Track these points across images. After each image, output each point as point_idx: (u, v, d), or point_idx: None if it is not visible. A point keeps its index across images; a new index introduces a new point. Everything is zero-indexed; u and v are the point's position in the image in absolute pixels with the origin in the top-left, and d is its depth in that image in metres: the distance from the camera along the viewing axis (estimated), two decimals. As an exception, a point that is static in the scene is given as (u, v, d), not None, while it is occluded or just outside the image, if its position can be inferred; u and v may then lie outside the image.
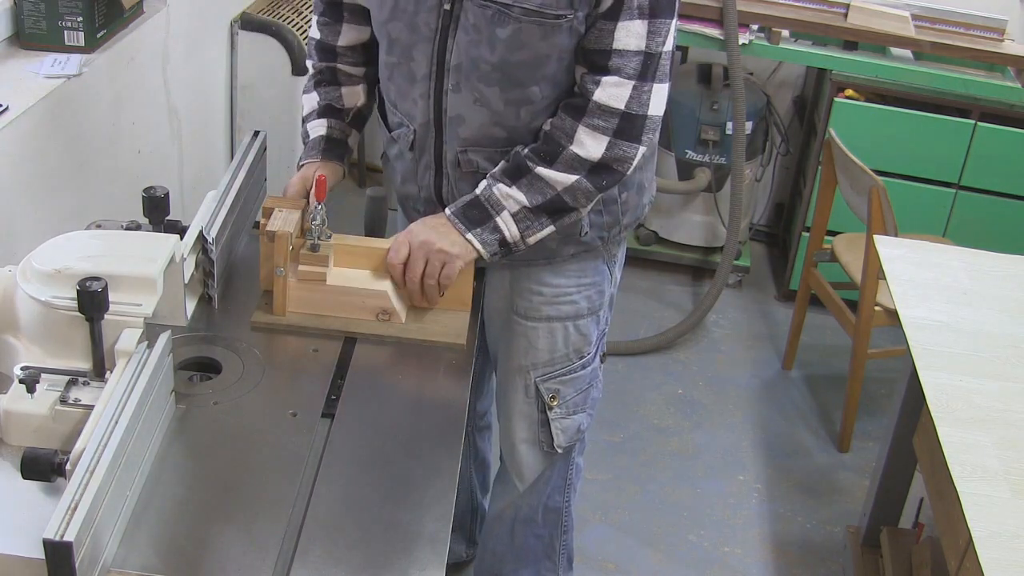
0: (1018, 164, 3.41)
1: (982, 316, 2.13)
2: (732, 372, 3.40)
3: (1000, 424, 1.83)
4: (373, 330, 1.66)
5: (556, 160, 1.67)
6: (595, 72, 1.65)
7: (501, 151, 1.72)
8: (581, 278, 1.89)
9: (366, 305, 1.67)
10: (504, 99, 1.68)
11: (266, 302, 1.68)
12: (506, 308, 1.93)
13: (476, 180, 1.74)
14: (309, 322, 1.66)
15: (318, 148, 1.85)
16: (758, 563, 2.68)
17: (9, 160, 2.00)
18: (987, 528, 1.61)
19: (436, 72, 1.69)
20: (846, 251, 3.16)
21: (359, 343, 1.65)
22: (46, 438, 1.35)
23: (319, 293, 1.66)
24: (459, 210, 1.71)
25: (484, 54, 1.64)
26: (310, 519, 1.32)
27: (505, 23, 1.61)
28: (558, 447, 2.01)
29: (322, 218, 1.66)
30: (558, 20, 1.60)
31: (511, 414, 2.02)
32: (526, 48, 1.63)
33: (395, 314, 1.67)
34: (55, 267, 1.45)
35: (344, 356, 1.62)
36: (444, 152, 1.76)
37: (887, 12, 3.45)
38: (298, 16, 3.18)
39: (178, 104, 2.76)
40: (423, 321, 1.69)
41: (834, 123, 3.38)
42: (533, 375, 1.95)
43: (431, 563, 1.28)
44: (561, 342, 1.93)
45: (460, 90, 1.68)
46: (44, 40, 2.22)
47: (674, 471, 2.95)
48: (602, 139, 1.66)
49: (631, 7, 1.60)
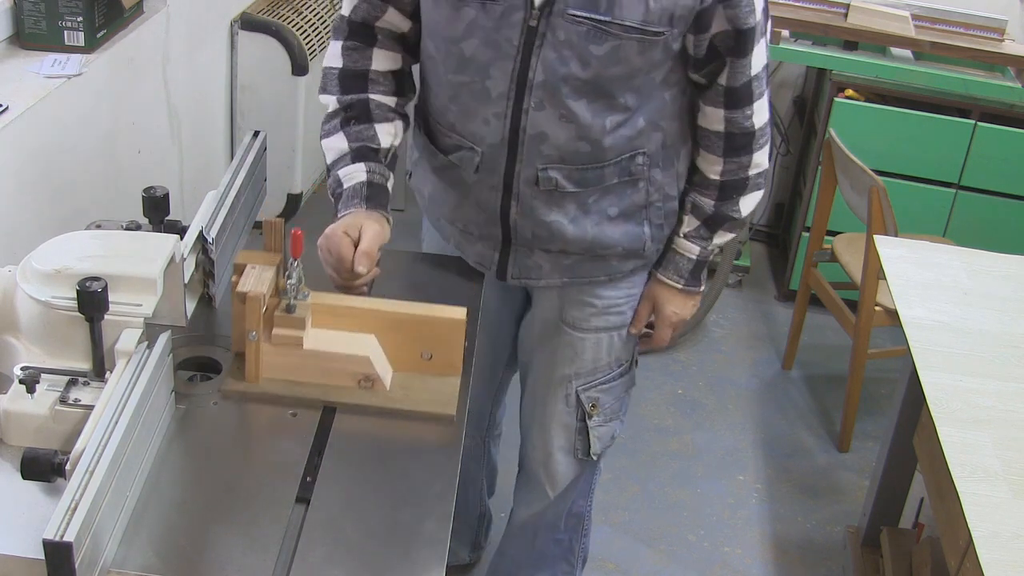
0: (1018, 164, 3.40)
1: (982, 316, 2.13)
2: (732, 372, 3.40)
3: (1000, 424, 1.83)
4: (355, 399, 1.52)
5: (744, 191, 1.78)
6: (743, 106, 1.69)
7: (580, 168, 1.68)
8: (631, 289, 1.88)
9: (347, 371, 1.52)
10: (592, 110, 1.63)
11: (237, 366, 1.53)
12: (554, 318, 1.90)
13: (552, 199, 1.71)
14: (285, 390, 1.51)
15: (360, 195, 1.66)
16: (758, 563, 2.68)
17: (9, 160, 2.00)
18: (987, 528, 1.61)
19: (516, 90, 1.62)
20: (846, 251, 3.16)
21: (339, 413, 1.50)
22: (46, 438, 1.35)
23: (295, 358, 1.51)
24: (690, 277, 1.84)
25: (575, 71, 1.59)
26: (310, 519, 1.32)
27: (602, 40, 1.56)
28: (594, 454, 2.01)
29: (299, 276, 1.51)
30: (657, 37, 1.57)
31: (549, 424, 1.99)
32: (622, 64, 1.59)
33: (378, 381, 1.53)
34: (55, 267, 1.45)
35: (323, 427, 1.48)
36: (517, 172, 1.69)
37: (887, 12, 3.45)
38: (298, 16, 3.18)
39: (178, 104, 2.76)
40: (409, 388, 1.55)
41: (834, 123, 3.38)
42: (575, 384, 1.94)
43: (431, 563, 1.28)
44: (605, 351, 1.92)
45: (544, 107, 1.62)
46: (44, 40, 2.22)
47: (674, 471, 2.95)
48: (767, 149, 1.77)
49: (756, 37, 1.63)
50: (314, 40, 3.19)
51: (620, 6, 1.54)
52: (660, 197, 1.77)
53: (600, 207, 1.74)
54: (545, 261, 1.80)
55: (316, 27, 3.22)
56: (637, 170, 1.72)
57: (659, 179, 1.75)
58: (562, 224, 1.74)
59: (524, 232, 1.76)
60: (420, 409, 1.52)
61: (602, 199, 1.73)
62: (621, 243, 1.78)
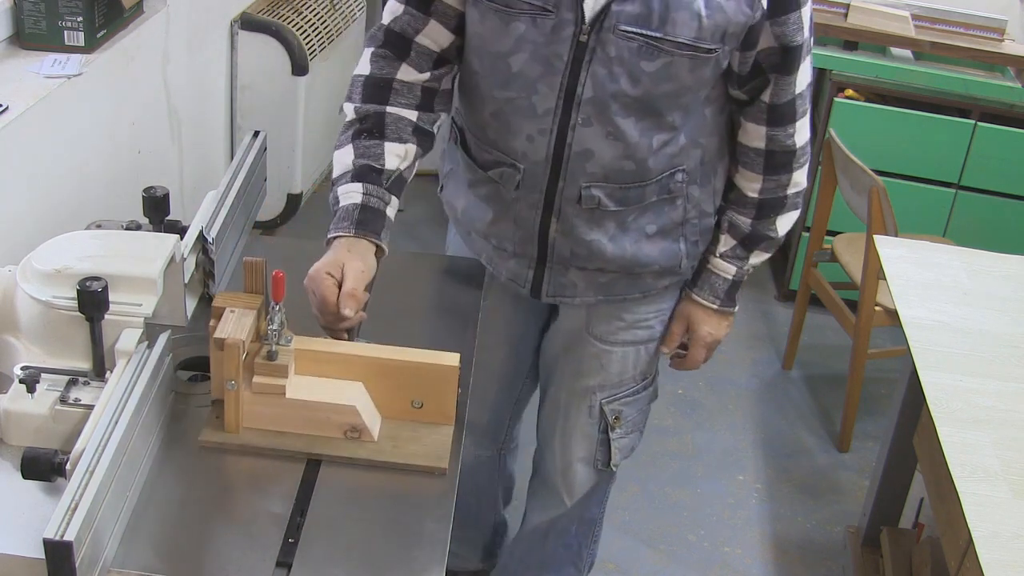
0: (1018, 164, 3.40)
1: (982, 316, 2.13)
2: (732, 372, 3.40)
3: (1000, 424, 1.83)
4: (341, 451, 1.44)
5: (782, 211, 1.77)
6: (785, 124, 1.68)
7: (623, 187, 1.66)
8: (661, 304, 1.86)
9: (332, 421, 1.45)
10: (639, 128, 1.60)
11: (217, 415, 1.45)
12: (580, 328, 1.88)
13: (593, 218, 1.68)
14: (266, 441, 1.44)
15: (351, 219, 1.56)
16: (758, 563, 2.68)
17: (9, 160, 2.00)
18: (987, 528, 1.61)
19: (563, 106, 1.59)
20: (846, 251, 3.16)
21: (324, 466, 1.43)
22: (46, 438, 1.36)
23: (278, 408, 1.43)
24: (725, 298, 1.83)
25: (625, 87, 1.56)
26: (310, 519, 1.32)
27: (654, 56, 1.53)
28: (614, 465, 2.00)
29: (281, 320, 1.42)
30: (710, 54, 1.55)
31: (570, 434, 1.98)
32: (672, 81, 1.56)
33: (366, 431, 1.45)
34: (55, 267, 1.45)
35: (306, 482, 1.41)
36: (560, 189, 1.66)
37: (887, 12, 3.45)
38: (298, 16, 3.18)
39: (178, 104, 2.76)
40: (399, 440, 1.47)
41: (834, 123, 3.38)
42: (599, 396, 1.92)
43: (431, 563, 1.28)
44: (632, 365, 1.90)
45: (591, 124, 1.59)
46: (44, 40, 2.22)
47: (674, 471, 2.95)
48: (807, 168, 1.76)
49: (802, 55, 1.61)
50: (314, 40, 3.18)
51: (673, 23, 1.51)
52: (697, 214, 1.75)
53: (639, 225, 1.72)
54: (580, 279, 1.78)
55: (316, 27, 3.22)
56: (676, 187, 1.70)
57: (696, 196, 1.73)
58: (602, 243, 1.71)
59: (563, 251, 1.74)
60: (411, 462, 1.44)
61: (641, 217, 1.71)
62: (658, 261, 1.76)
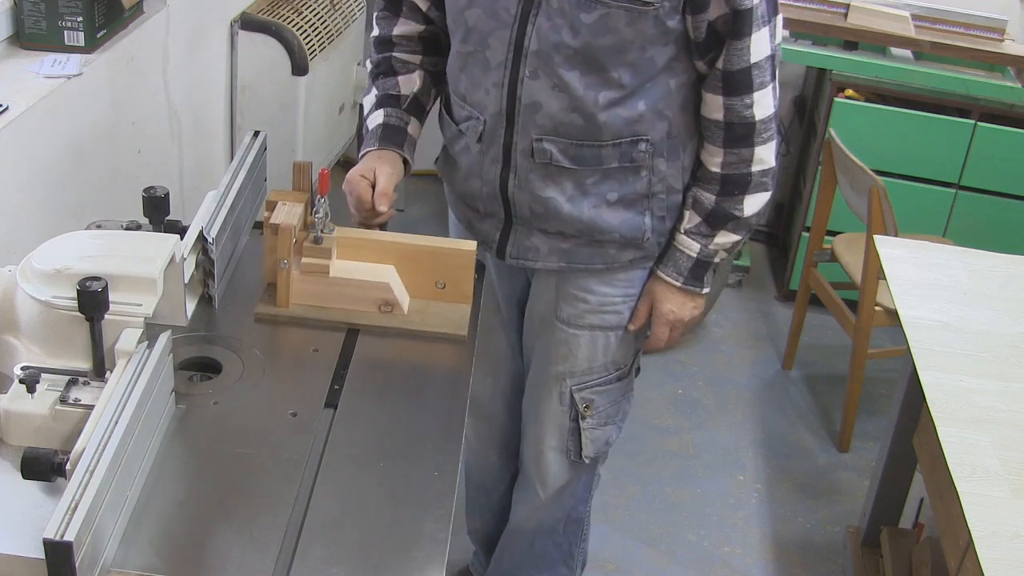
0: (1018, 164, 3.41)
1: (982, 316, 2.13)
2: (732, 372, 3.40)
3: (1000, 424, 1.83)
4: (375, 321, 1.68)
5: (748, 189, 1.76)
6: (742, 93, 1.68)
7: (575, 144, 1.72)
8: (628, 288, 1.88)
9: (368, 297, 1.68)
10: (584, 83, 1.67)
11: (269, 295, 1.69)
12: (549, 312, 1.92)
13: (547, 174, 1.75)
14: (312, 314, 1.68)
15: (376, 136, 1.83)
16: (758, 563, 2.68)
17: (9, 160, 2.00)
18: (987, 528, 1.61)
19: (512, 59, 1.68)
20: (846, 251, 3.16)
21: (361, 334, 1.66)
22: (46, 438, 1.35)
23: (322, 285, 1.68)
24: (688, 277, 1.82)
25: (566, 39, 1.64)
26: (310, 519, 1.32)
27: (591, 8, 1.61)
28: (586, 457, 2.01)
29: (325, 211, 1.67)
30: (646, 8, 1.61)
31: (542, 420, 2.00)
32: (611, 33, 1.63)
33: (397, 305, 1.69)
34: (55, 267, 1.45)
35: (347, 347, 1.63)
36: (514, 143, 1.75)
37: (887, 12, 3.45)
38: (298, 16, 3.18)
39: (178, 104, 2.76)
40: (425, 313, 1.71)
41: (834, 123, 3.38)
42: (569, 383, 1.94)
43: (431, 563, 1.28)
44: (601, 352, 1.92)
45: (538, 76, 1.68)
46: (44, 40, 2.22)
47: (674, 471, 2.95)
48: (771, 145, 1.74)
49: (756, 19, 1.63)
50: (314, 40, 3.18)
51: None
52: (664, 188, 1.78)
53: (599, 190, 1.76)
54: (543, 243, 1.83)
55: (316, 27, 3.22)
56: (639, 157, 1.73)
57: (663, 169, 1.76)
58: (558, 202, 1.76)
59: (523, 209, 1.80)
60: (435, 330, 1.67)
61: (602, 182, 1.75)
62: (619, 230, 1.79)
